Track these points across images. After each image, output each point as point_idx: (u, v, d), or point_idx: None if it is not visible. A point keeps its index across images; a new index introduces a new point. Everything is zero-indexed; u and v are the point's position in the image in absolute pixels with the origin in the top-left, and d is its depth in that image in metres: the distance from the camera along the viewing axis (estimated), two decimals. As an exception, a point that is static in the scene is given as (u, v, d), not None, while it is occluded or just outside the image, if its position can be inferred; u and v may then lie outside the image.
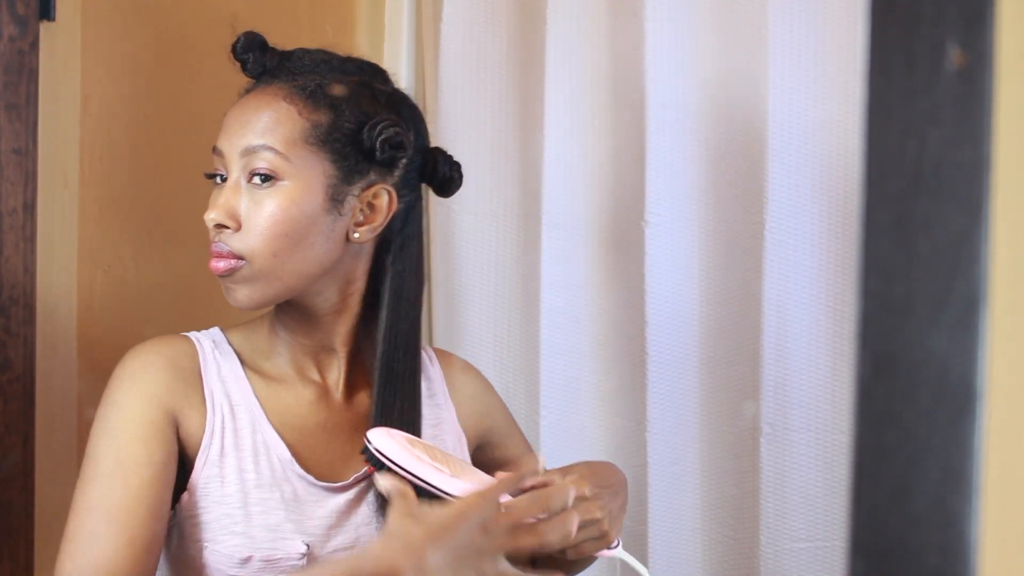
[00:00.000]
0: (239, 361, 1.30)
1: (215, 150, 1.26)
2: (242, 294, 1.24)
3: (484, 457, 1.43)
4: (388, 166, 1.27)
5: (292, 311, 1.30)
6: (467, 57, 1.76)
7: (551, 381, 1.73)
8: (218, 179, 1.26)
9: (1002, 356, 0.56)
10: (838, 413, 1.55)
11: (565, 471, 1.24)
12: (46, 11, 1.47)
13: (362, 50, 1.83)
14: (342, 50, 1.36)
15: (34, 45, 1.46)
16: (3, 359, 1.45)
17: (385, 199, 1.27)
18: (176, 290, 1.67)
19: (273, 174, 1.22)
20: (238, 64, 1.30)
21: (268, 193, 1.22)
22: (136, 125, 1.62)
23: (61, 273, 1.55)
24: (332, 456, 1.29)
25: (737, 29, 1.60)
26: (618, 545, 1.26)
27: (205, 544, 1.21)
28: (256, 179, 1.23)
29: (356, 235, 1.26)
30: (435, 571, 1.07)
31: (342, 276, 1.29)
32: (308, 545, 1.23)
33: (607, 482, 1.28)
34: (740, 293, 1.63)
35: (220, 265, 1.23)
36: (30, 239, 1.47)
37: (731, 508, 1.66)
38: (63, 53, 1.53)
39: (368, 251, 1.30)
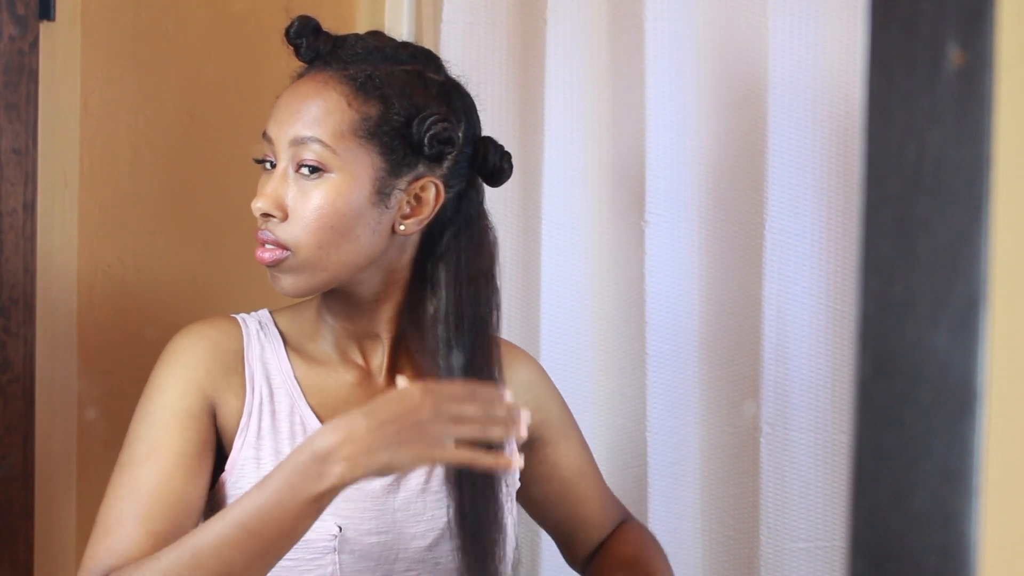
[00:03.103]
0: (283, 343, 1.32)
1: (265, 136, 1.26)
2: (287, 282, 1.25)
3: (535, 455, 1.41)
4: (436, 160, 1.26)
5: (336, 297, 1.30)
6: (467, 57, 1.76)
7: (551, 381, 1.73)
8: (267, 165, 1.26)
9: (1002, 356, 0.56)
10: (838, 413, 1.55)
11: None
12: (46, 11, 1.47)
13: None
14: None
15: (34, 45, 1.46)
16: (3, 359, 1.45)
17: (432, 192, 1.27)
18: (176, 290, 1.67)
19: (321, 166, 1.22)
20: (291, 48, 1.29)
21: (315, 184, 1.22)
22: (136, 125, 1.62)
23: (61, 273, 1.55)
24: None
25: (737, 29, 1.60)
26: None
27: None
28: (304, 170, 1.23)
29: (402, 227, 1.26)
30: (370, 440, 1.08)
31: (386, 266, 1.29)
32: (340, 527, 1.24)
33: None
34: (740, 293, 1.63)
35: (266, 256, 1.24)
36: (30, 239, 1.47)
37: (731, 508, 1.66)
38: (63, 53, 1.53)
39: (414, 241, 1.30)
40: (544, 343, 1.73)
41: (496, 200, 1.77)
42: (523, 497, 1.42)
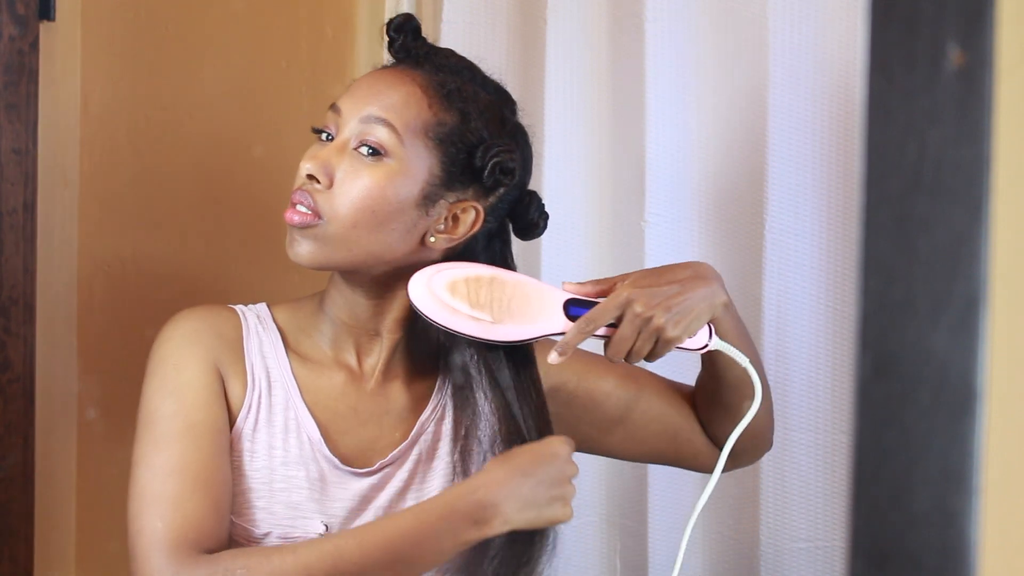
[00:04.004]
0: (281, 338, 1.31)
1: (333, 107, 1.26)
2: (304, 249, 1.23)
3: (575, 389, 1.38)
4: (489, 189, 1.27)
5: (345, 287, 1.29)
6: (467, 57, 1.76)
7: (551, 381, 1.73)
8: (324, 136, 1.26)
9: (1002, 356, 0.56)
10: (838, 413, 1.55)
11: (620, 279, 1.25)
12: (46, 11, 1.47)
13: (362, 50, 1.83)
14: (341, 50, 1.35)
15: (34, 45, 1.46)
16: (3, 359, 1.45)
17: (472, 216, 1.27)
18: (176, 290, 1.67)
19: (382, 150, 1.22)
20: (386, 39, 1.30)
21: (370, 166, 1.22)
22: (136, 125, 1.62)
23: (61, 273, 1.55)
24: (360, 441, 1.29)
25: (737, 28, 1.60)
26: (709, 338, 1.24)
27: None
28: (364, 149, 1.23)
29: (432, 239, 1.26)
30: (526, 498, 1.16)
31: (403, 272, 1.27)
32: (327, 526, 1.25)
33: (664, 280, 1.24)
34: (740, 293, 1.63)
35: (295, 218, 1.23)
36: (30, 239, 1.47)
37: (731, 508, 1.66)
38: (63, 53, 1.53)
39: (436, 261, 1.29)
40: (544, 343, 1.73)
41: (496, 200, 1.77)
42: (611, 454, 1.45)
